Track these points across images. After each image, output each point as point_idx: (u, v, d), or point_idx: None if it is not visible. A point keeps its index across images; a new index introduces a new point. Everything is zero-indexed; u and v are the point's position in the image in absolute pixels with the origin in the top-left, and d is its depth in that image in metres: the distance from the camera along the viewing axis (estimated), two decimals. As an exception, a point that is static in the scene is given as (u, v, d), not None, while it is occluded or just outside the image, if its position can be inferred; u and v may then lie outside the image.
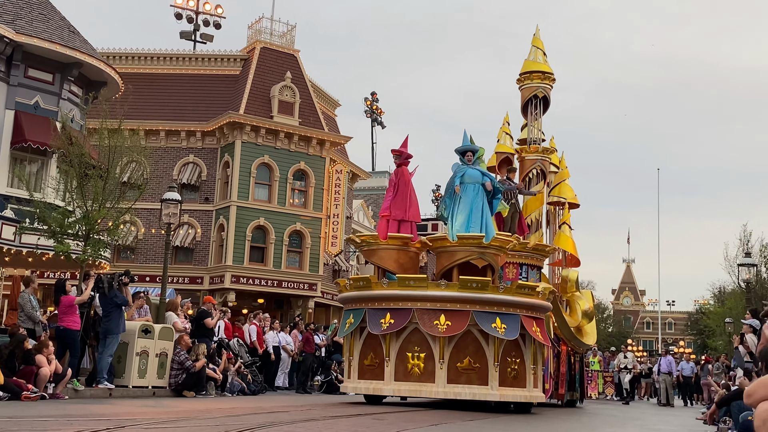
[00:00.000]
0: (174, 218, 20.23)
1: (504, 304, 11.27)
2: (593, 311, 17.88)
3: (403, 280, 11.24)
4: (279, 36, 38.22)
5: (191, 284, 34.65)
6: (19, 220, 19.30)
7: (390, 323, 11.15)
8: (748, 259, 27.76)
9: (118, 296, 14.31)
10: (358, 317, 11.63)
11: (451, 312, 11.08)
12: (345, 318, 12.06)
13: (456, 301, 11.13)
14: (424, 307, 11.15)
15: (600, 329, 72.85)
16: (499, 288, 11.32)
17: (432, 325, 11.02)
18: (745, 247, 38.45)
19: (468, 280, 11.11)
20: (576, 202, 18.37)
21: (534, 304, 11.76)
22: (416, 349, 11.29)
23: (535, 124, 17.30)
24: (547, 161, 17.55)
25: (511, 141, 17.71)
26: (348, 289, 12.00)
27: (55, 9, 23.62)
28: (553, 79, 17.44)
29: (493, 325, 11.08)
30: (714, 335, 53.70)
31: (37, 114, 21.79)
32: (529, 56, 17.67)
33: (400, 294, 11.30)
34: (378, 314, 11.32)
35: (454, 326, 11.03)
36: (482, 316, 11.12)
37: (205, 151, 36.11)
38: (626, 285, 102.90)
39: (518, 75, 17.59)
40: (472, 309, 11.09)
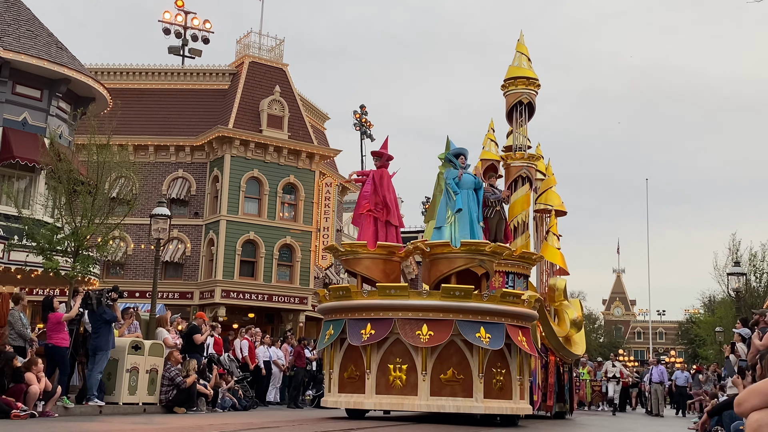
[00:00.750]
0: (163, 233, 20.18)
1: (488, 313, 10.94)
2: (582, 320, 17.67)
3: (383, 289, 10.90)
4: (267, 50, 38.28)
5: (181, 299, 34.51)
6: (8, 237, 19.22)
7: (371, 334, 10.80)
8: (737, 268, 27.89)
9: (106, 312, 14.23)
10: (338, 328, 11.25)
11: (433, 321, 10.74)
12: (324, 329, 11.72)
13: (438, 311, 10.80)
14: (405, 317, 10.80)
15: (591, 339, 72.91)
16: (483, 296, 11.01)
17: (414, 335, 10.66)
18: (734, 256, 38.59)
19: (451, 289, 10.82)
20: (563, 210, 18.16)
21: (519, 313, 11.42)
22: (398, 360, 10.92)
23: (520, 130, 17.14)
24: (533, 168, 17.32)
25: (497, 148, 17.47)
26: (327, 300, 11.64)
27: (42, 25, 23.61)
28: (537, 84, 17.30)
29: (477, 334, 10.74)
30: (705, 344, 53.84)
31: (25, 130, 21.74)
32: (513, 62, 17.51)
33: (381, 303, 10.89)
34: (358, 325, 10.98)
35: (437, 336, 10.68)
36: (466, 325, 10.78)
37: (194, 165, 36.06)
38: (617, 295, 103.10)
39: (503, 81, 17.41)
40: (456, 318, 10.76)
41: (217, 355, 18.71)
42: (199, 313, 22.02)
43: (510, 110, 17.30)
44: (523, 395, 11.87)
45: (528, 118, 17.43)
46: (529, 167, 17.08)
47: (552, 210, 17.78)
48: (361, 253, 11.71)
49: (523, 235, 16.71)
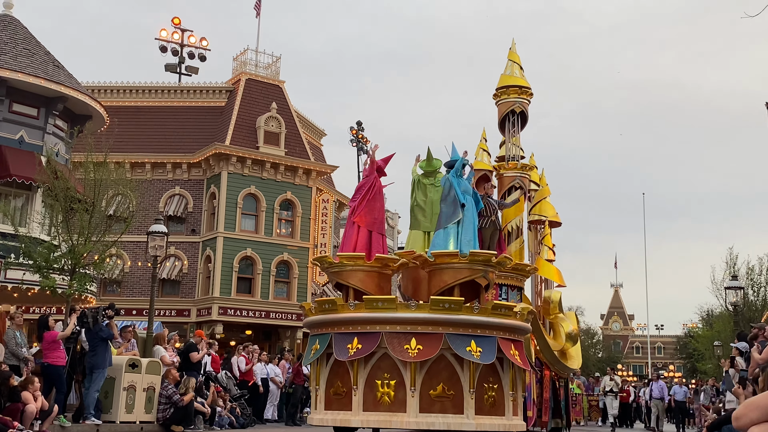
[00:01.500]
0: (160, 251, 20.15)
1: (479, 326, 10.52)
2: (577, 333, 17.29)
3: (370, 302, 10.42)
4: (264, 67, 38.39)
5: (178, 317, 34.41)
6: (4, 255, 19.19)
7: (357, 348, 10.33)
8: (734, 282, 27.88)
9: (103, 330, 14.19)
10: (324, 343, 10.80)
11: (422, 335, 10.31)
12: (310, 344, 11.25)
13: (427, 324, 10.37)
14: (393, 331, 10.35)
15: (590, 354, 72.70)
16: (473, 308, 10.53)
17: (402, 349, 10.21)
18: (732, 270, 38.61)
19: (440, 301, 10.39)
20: (557, 220, 17.84)
21: (512, 326, 11.01)
22: (386, 376, 10.41)
23: (513, 140, 16.88)
24: (527, 178, 17.07)
25: (489, 158, 17.23)
26: (313, 313, 11.14)
27: (39, 43, 23.67)
28: (530, 93, 17.05)
29: (467, 348, 10.32)
30: (703, 359, 53.70)
31: (22, 148, 21.75)
32: (505, 70, 17.24)
33: (368, 317, 10.44)
34: (344, 339, 10.53)
35: (426, 350, 10.22)
36: (456, 339, 10.35)
37: (191, 182, 36.07)
38: (615, 310, 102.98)
39: (494, 90, 17.13)
40: (445, 331, 10.35)
41: (214, 372, 18.65)
42: (197, 331, 21.93)
43: (502, 120, 17.02)
44: (517, 411, 11.50)
45: (521, 128, 17.15)
46: (523, 177, 16.85)
47: (546, 221, 17.51)
48: (356, 266, 11.31)
49: (517, 241, 16.33)
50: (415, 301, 10.79)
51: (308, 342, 11.51)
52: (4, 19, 23.53)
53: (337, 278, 11.29)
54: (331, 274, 11.44)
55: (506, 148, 17.06)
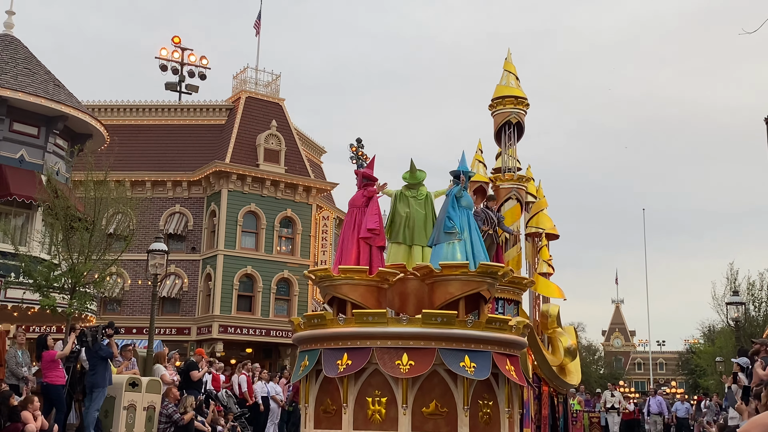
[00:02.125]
0: (160, 269, 20.13)
1: (473, 340, 10.09)
2: (576, 348, 16.93)
3: (360, 316, 10.02)
4: (264, 85, 38.53)
5: (179, 335, 34.34)
6: (4, 274, 19.18)
7: (347, 365, 9.89)
8: (735, 297, 27.83)
9: (102, 349, 14.15)
10: (313, 359, 10.38)
11: (414, 350, 9.89)
12: (299, 360, 10.82)
13: (419, 338, 9.94)
14: (384, 346, 9.92)
15: (591, 371, 72.49)
16: (467, 322, 10.08)
17: (393, 365, 9.77)
18: (733, 285, 38.54)
19: (432, 314, 9.97)
20: (555, 233, 17.57)
21: (507, 340, 10.56)
22: (377, 393, 9.97)
23: (509, 151, 16.56)
24: (523, 189, 16.69)
25: (485, 169, 16.86)
26: (302, 328, 10.71)
27: (39, 63, 23.77)
28: (526, 104, 16.74)
29: (461, 363, 9.85)
30: (705, 375, 53.57)
31: (23, 167, 21.79)
32: (500, 81, 16.92)
33: (358, 332, 10.01)
34: (334, 355, 10.09)
35: (418, 366, 9.77)
36: (449, 354, 9.90)
37: (191, 200, 36.11)
38: (616, 326, 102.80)
39: (490, 101, 16.84)
40: (438, 346, 9.91)
41: (215, 391, 18.58)
42: (198, 350, 21.87)
43: (498, 131, 16.74)
44: (513, 429, 11.00)
45: (517, 139, 16.86)
46: (519, 189, 16.53)
47: (543, 233, 17.14)
48: (357, 280, 10.92)
49: (514, 248, 15.96)
50: (407, 315, 10.26)
51: (297, 358, 11.18)
52: (4, 38, 23.65)
53: (335, 292, 10.85)
54: (327, 288, 10.95)
55: (502, 160, 16.79)
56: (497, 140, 16.96)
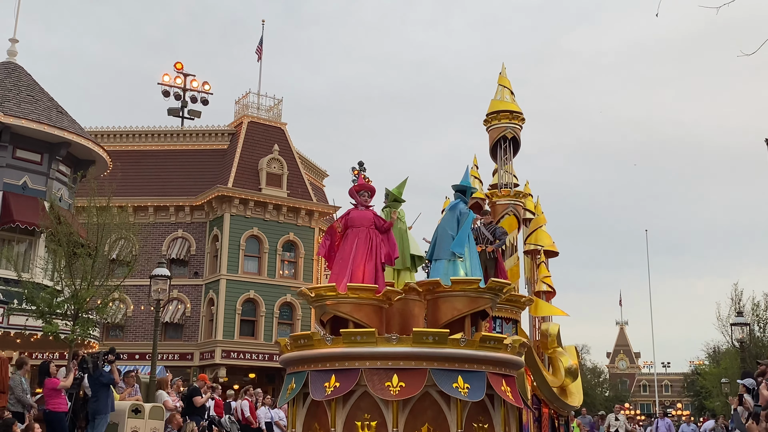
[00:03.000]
0: (163, 294, 20.11)
1: (466, 360, 9.57)
2: (578, 368, 16.34)
3: (348, 336, 9.53)
4: (266, 110, 38.70)
5: (181, 361, 34.22)
6: (7, 301, 19.15)
7: (335, 387, 9.43)
8: (740, 318, 27.71)
9: (103, 375, 14.10)
10: (300, 381, 9.87)
11: (404, 371, 9.38)
12: (286, 383, 10.27)
13: (410, 358, 9.43)
14: (373, 367, 9.42)
15: (596, 394, 72.10)
16: (459, 341, 9.54)
17: (383, 387, 9.26)
18: (737, 306, 38.40)
19: (423, 333, 9.50)
20: (554, 250, 16.97)
21: (502, 359, 10.00)
22: (366, 416, 9.47)
23: (505, 167, 16.16)
24: (521, 206, 16.23)
25: (481, 185, 16.48)
26: (289, 349, 10.20)
27: (42, 90, 23.89)
28: (522, 118, 16.34)
29: (454, 385, 9.36)
30: (711, 396, 53.22)
31: (26, 194, 21.84)
32: (495, 95, 16.56)
33: (346, 352, 9.52)
34: (321, 377, 9.61)
35: (409, 388, 9.28)
36: (441, 374, 9.40)
37: (194, 225, 36.13)
38: (621, 348, 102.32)
39: (485, 116, 16.49)
40: (429, 366, 9.40)
41: (218, 417, 18.48)
42: (201, 375, 21.79)
43: (494, 146, 16.38)
44: None
45: (513, 154, 16.47)
46: (516, 205, 16.06)
47: (542, 250, 16.58)
48: (362, 299, 10.38)
49: (512, 258, 15.56)
50: (396, 335, 9.70)
51: (284, 381, 10.61)
52: (8, 66, 23.80)
53: (337, 310, 10.31)
54: (333, 306, 10.36)
55: (499, 175, 16.34)
56: (493, 156, 16.60)
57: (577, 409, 18.34)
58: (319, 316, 10.43)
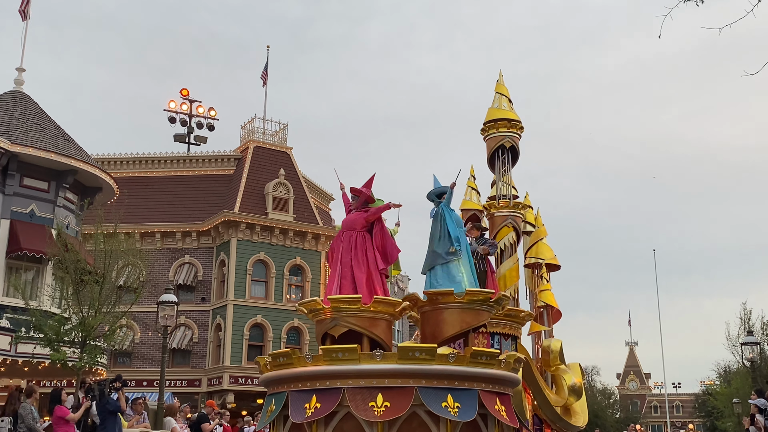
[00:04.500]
0: (170, 320, 20.09)
1: (456, 377, 8.91)
2: (582, 386, 15.38)
3: (329, 353, 8.92)
4: (271, 135, 38.84)
5: (189, 387, 34.11)
6: (15, 329, 19.14)
7: (315, 408, 8.79)
8: (750, 337, 27.51)
9: (110, 403, 14.04)
10: (280, 402, 9.20)
11: (390, 390, 8.71)
12: (266, 405, 9.58)
13: (396, 376, 8.78)
14: (356, 386, 8.78)
15: (607, 415, 71.58)
16: (449, 357, 8.90)
17: (366, 407, 8.60)
18: (747, 325, 38.18)
19: (409, 349, 8.84)
20: (556, 263, 16.20)
21: (495, 376, 9.30)
22: None
23: (504, 178, 15.48)
24: (520, 217, 15.48)
25: (478, 197, 15.88)
26: (268, 369, 9.52)
27: (49, 118, 24.03)
28: (520, 127, 15.74)
29: (443, 404, 8.69)
30: (723, 416, 52.77)
31: (33, 222, 21.90)
32: (492, 104, 15.97)
33: (327, 371, 8.89)
34: (302, 398, 8.96)
35: (395, 408, 8.61)
36: (429, 393, 8.74)
37: (200, 250, 36.17)
38: (631, 368, 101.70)
39: (482, 125, 15.88)
40: (417, 384, 8.74)
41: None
42: (209, 402, 21.72)
43: (491, 156, 15.71)
44: None
45: (512, 164, 15.81)
46: (515, 216, 15.34)
47: (543, 264, 15.80)
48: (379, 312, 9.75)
49: (511, 258, 14.86)
50: (380, 351, 9.11)
51: (264, 403, 9.92)
52: (15, 95, 23.96)
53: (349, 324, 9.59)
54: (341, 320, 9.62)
55: (497, 185, 15.65)
56: (491, 166, 15.92)
57: (581, 429, 17.48)
58: (318, 332, 9.87)
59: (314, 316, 9.87)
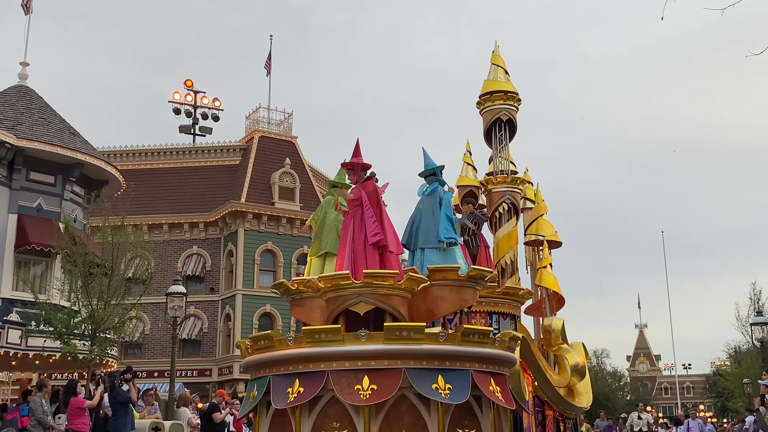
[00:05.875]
0: (180, 311, 20.16)
1: (447, 357, 8.44)
2: (585, 366, 14.80)
3: (311, 334, 8.43)
4: (276, 124, 38.81)
5: (200, 377, 34.27)
6: (25, 323, 19.23)
7: (298, 393, 8.32)
8: (760, 317, 27.48)
9: (120, 394, 14.13)
10: (262, 388, 8.77)
11: (376, 372, 8.26)
12: (248, 391, 9.12)
13: (383, 357, 8.31)
14: (341, 368, 8.34)
15: (618, 398, 71.58)
16: (438, 336, 8.44)
17: (352, 391, 8.18)
18: (756, 305, 38.12)
19: (396, 328, 8.36)
20: (557, 240, 15.51)
21: (489, 356, 8.84)
22: (335, 425, 8.38)
23: (501, 153, 14.82)
24: (518, 193, 14.79)
25: (475, 173, 15.18)
26: (249, 352, 9.07)
27: (54, 112, 24.04)
28: (518, 99, 15.10)
29: (433, 385, 8.22)
30: (734, 397, 52.77)
31: (40, 216, 21.94)
32: (488, 76, 15.26)
33: (310, 353, 8.41)
34: (284, 382, 8.51)
35: (381, 390, 8.16)
36: (418, 374, 8.28)
37: (208, 241, 36.24)
38: (641, 351, 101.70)
39: (477, 98, 15.14)
40: (405, 366, 8.28)
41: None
42: (219, 391, 21.78)
43: (488, 130, 14.97)
44: None
45: (510, 138, 15.09)
46: (514, 192, 14.58)
47: (544, 241, 15.12)
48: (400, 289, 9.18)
49: (509, 223, 14.21)
50: (366, 330, 8.57)
51: (247, 388, 9.47)
52: (20, 89, 23.98)
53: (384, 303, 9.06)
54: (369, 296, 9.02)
55: (494, 161, 15.01)
56: (487, 141, 15.23)
57: (585, 410, 16.40)
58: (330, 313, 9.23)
59: (334, 292, 9.10)
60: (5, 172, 21.59)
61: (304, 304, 9.57)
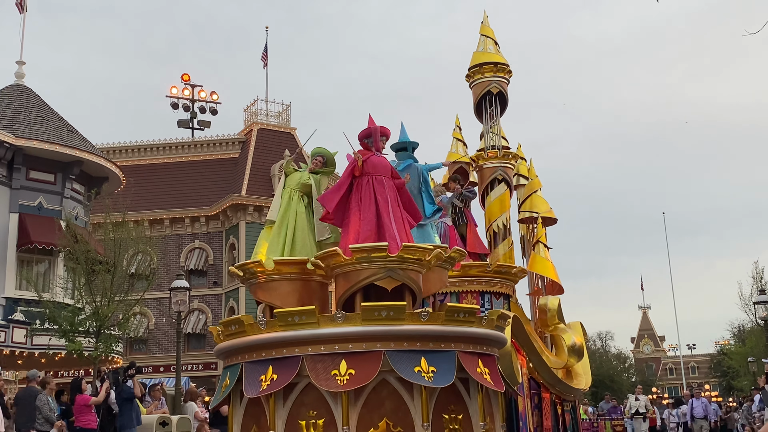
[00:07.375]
0: (183, 305, 20.15)
1: (430, 338, 7.89)
2: (582, 346, 14.20)
3: (284, 317, 7.90)
4: (275, 116, 38.75)
5: (206, 371, 34.34)
6: (30, 322, 19.29)
7: (272, 380, 7.79)
8: (763, 296, 27.47)
9: (124, 390, 14.16)
10: (234, 375, 8.27)
11: (354, 356, 7.71)
12: (221, 379, 8.67)
13: (361, 340, 7.77)
14: (316, 352, 7.79)
15: (623, 379, 71.77)
16: (420, 315, 7.92)
17: (328, 376, 7.63)
18: (759, 284, 38.13)
19: (375, 307, 7.82)
20: (552, 216, 14.89)
21: (476, 335, 8.29)
22: (311, 413, 7.79)
23: (493, 128, 14.33)
24: (510, 168, 14.30)
25: (465, 149, 14.81)
26: (221, 339, 8.54)
27: (52, 110, 24.04)
28: (508, 71, 14.57)
29: (416, 368, 7.69)
30: (738, 376, 52.91)
31: (41, 214, 21.97)
32: (477, 47, 14.69)
33: (284, 337, 7.88)
34: (257, 369, 8.00)
35: (360, 375, 7.61)
36: (399, 356, 7.74)
37: (210, 235, 36.25)
38: (645, 332, 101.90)
39: (467, 71, 14.68)
40: (385, 348, 7.71)
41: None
42: (225, 384, 21.81)
43: (478, 103, 14.44)
44: None
45: (501, 112, 14.56)
46: (506, 167, 14.13)
47: (539, 217, 14.58)
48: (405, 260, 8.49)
49: (505, 242, 13.83)
50: (342, 312, 8.06)
51: (219, 377, 8.95)
52: (17, 88, 23.96)
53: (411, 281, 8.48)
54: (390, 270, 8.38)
55: (485, 135, 14.47)
56: (478, 114, 14.70)
57: (584, 392, 15.86)
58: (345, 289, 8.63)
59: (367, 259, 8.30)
60: (5, 171, 21.62)
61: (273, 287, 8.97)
